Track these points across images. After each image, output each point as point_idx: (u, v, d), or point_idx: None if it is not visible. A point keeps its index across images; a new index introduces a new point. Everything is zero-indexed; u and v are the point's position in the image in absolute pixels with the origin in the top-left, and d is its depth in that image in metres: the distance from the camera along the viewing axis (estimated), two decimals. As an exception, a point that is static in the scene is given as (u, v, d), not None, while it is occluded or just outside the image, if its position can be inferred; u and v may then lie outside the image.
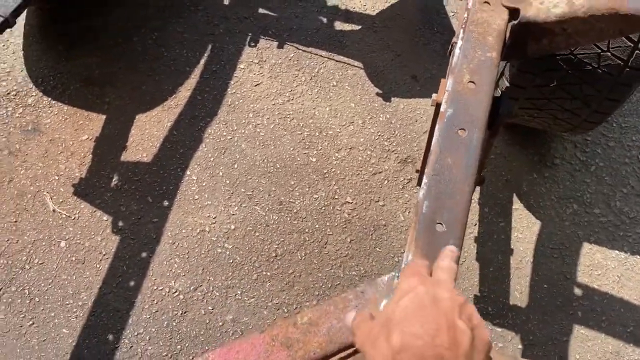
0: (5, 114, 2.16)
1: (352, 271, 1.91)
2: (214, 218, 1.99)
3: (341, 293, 0.89)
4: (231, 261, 1.92)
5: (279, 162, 2.08)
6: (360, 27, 2.33)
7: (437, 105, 1.11)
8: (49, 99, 2.19)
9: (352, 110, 2.16)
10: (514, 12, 1.07)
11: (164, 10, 2.38)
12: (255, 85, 2.22)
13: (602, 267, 1.94)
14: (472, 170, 0.90)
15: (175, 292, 1.87)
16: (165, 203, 2.01)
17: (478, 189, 2.02)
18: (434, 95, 1.17)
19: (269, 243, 1.95)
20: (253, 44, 2.29)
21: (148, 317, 1.83)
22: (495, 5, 1.08)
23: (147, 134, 2.13)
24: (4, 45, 2.28)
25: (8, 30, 1.72)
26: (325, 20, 2.34)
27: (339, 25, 2.33)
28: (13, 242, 1.94)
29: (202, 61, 2.27)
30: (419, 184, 1.40)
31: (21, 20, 2.30)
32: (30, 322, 1.82)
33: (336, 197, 2.01)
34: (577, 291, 1.90)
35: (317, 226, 1.97)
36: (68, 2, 2.33)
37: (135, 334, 1.81)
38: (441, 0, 2.40)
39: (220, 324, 1.83)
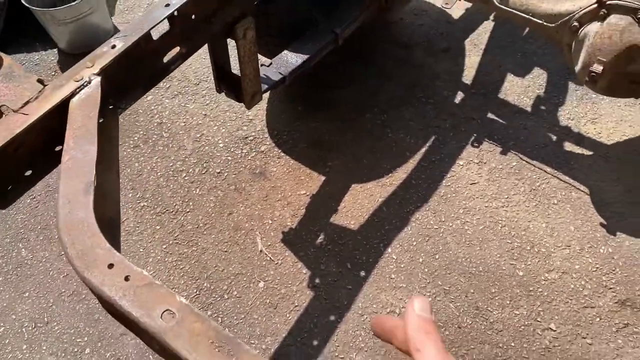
0: (240, 154, 2.40)
1: (543, 405, 1.75)
2: (406, 302, 1.96)
3: None
4: (416, 352, 1.86)
5: (482, 265, 2.02)
6: (591, 153, 2.26)
7: None
8: (279, 150, 2.39)
9: (571, 234, 2.06)
10: None
11: (397, 97, 2.53)
12: (471, 184, 2.22)
13: None
14: None
15: (355, 365, 1.84)
16: (362, 274, 2.03)
17: None
18: None
19: (457, 346, 1.86)
20: (476, 144, 2.32)
21: (324, 381, 1.81)
22: None
23: (358, 204, 2.21)
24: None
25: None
26: (554, 138, 2.31)
27: (568, 147, 2.29)
28: (219, 270, 2.08)
29: (423, 149, 2.34)
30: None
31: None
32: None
33: (539, 319, 1.89)
34: None
35: (512, 344, 1.85)
36: (319, 74, 2.58)
37: (308, 394, 1.80)
38: (684, 145, 2.26)
39: (392, 414, 1.76)
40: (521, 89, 2.49)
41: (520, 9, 1.93)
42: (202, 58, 2.76)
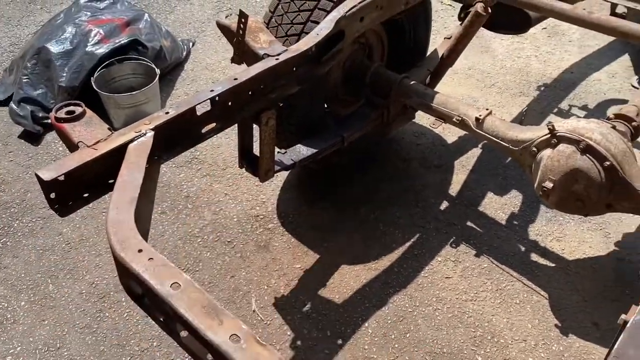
0: (250, 229, 2.77)
1: None
2: (375, 371, 2.19)
3: None
4: (376, 415, 2.06)
5: (446, 347, 2.26)
6: (554, 265, 2.56)
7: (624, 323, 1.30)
8: (284, 229, 2.76)
9: (528, 331, 2.30)
10: None
11: (391, 197, 2.93)
12: (446, 278, 2.52)
13: None
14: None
15: (320, 419, 2.04)
16: (339, 342, 2.29)
17: None
18: (622, 315, 1.36)
19: (415, 414, 2.06)
20: (454, 245, 2.66)
21: None
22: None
23: (345, 282, 2.52)
24: (269, 183, 3.00)
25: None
26: (523, 249, 2.64)
27: (534, 257, 2.60)
28: (215, 321, 2.35)
29: (408, 244, 2.68)
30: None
31: (288, 171, 3.03)
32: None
33: (491, 400, 2.09)
34: None
35: (464, 419, 2.04)
36: (329, 174, 3.02)
37: None
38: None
39: None
40: (499, 205, 2.87)
41: (492, 134, 2.37)
42: (231, 149, 3.25)
